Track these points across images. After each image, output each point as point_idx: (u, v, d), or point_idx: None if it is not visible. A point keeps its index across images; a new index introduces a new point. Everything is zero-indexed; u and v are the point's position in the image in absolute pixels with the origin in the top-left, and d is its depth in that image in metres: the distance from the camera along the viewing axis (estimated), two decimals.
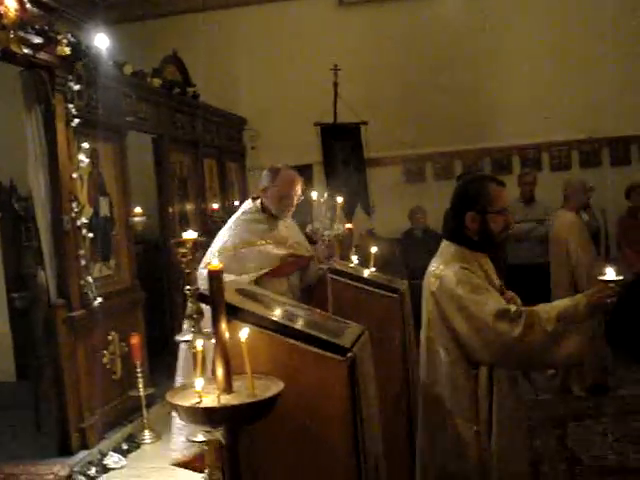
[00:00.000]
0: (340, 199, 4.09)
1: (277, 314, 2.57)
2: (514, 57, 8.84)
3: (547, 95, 8.73)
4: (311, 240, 4.10)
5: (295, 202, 4.00)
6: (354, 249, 4.75)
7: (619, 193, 7.66)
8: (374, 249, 4.13)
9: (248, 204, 4.10)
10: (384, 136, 8.65)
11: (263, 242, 3.94)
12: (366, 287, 3.90)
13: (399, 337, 3.86)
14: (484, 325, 2.66)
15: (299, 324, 2.50)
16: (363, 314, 3.41)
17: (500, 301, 2.75)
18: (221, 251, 3.84)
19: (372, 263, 4.35)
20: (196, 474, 3.40)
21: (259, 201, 4.05)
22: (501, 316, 2.64)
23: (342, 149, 8.42)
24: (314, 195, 4.00)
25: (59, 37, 5.03)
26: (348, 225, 4.60)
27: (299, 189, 3.99)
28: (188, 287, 2.40)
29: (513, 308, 2.68)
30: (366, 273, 4.14)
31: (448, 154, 9.10)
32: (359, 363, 2.34)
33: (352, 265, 4.37)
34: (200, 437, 2.47)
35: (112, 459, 5.25)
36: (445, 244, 3.01)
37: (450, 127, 8.87)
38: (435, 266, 2.92)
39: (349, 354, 2.30)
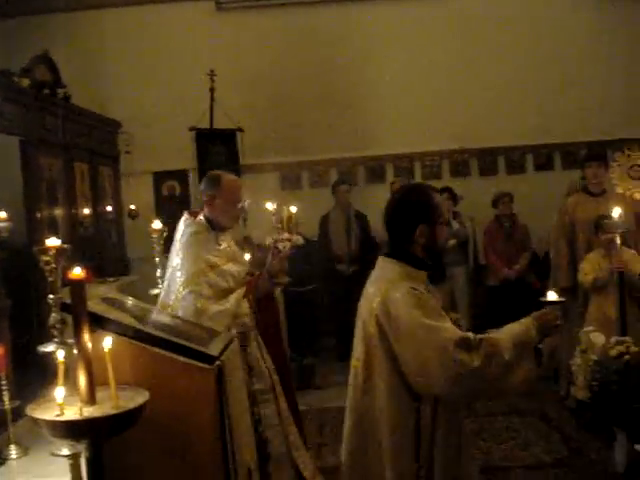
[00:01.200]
0: (294, 208, 3.97)
1: (144, 323, 2.52)
2: (389, 67, 9.03)
3: (421, 105, 8.98)
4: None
5: (241, 210, 3.89)
6: None
7: (487, 202, 7.99)
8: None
9: (190, 221, 3.80)
10: (260, 142, 8.67)
11: (223, 261, 3.74)
12: None
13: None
14: (440, 353, 2.45)
15: (165, 333, 2.45)
16: None
17: (455, 328, 2.57)
18: (194, 279, 3.58)
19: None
20: None
21: (201, 216, 3.81)
22: (461, 345, 2.46)
23: (218, 155, 8.35)
24: (269, 205, 3.94)
25: None
26: None
27: (242, 195, 3.86)
28: (51, 296, 2.32)
29: (471, 336, 2.52)
30: None
31: (324, 162, 9.20)
32: (227, 372, 2.33)
33: None
34: (65, 451, 2.39)
35: None
36: (385, 261, 2.76)
37: (326, 135, 8.98)
38: (377, 287, 2.67)
39: (216, 362, 2.29)
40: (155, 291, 4.34)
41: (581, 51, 9.00)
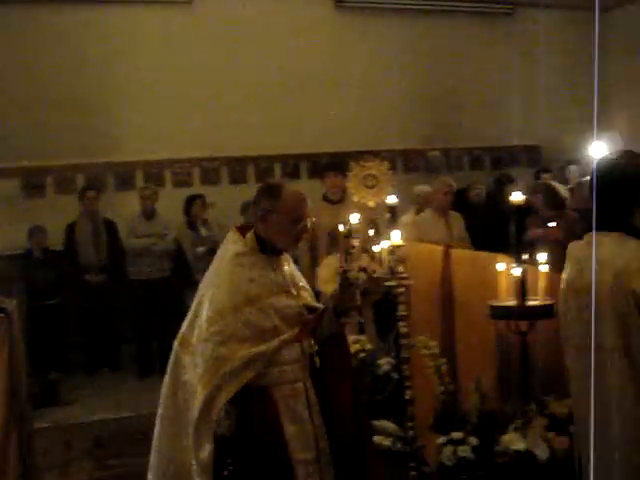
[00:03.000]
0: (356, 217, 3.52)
1: None
2: (138, 72, 8.87)
3: (171, 112, 8.87)
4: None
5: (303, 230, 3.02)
6: None
7: (237, 209, 8.12)
8: None
9: (237, 238, 3.00)
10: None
11: (268, 293, 2.91)
12: None
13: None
14: None
15: None
16: None
17: None
18: (219, 315, 2.81)
19: None
20: None
21: (251, 233, 2.99)
22: None
23: None
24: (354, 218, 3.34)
25: None
26: None
27: (306, 212, 3.03)
28: None
29: None
30: None
31: (70, 167, 8.80)
32: None
33: None
34: None
35: None
36: (612, 236, 2.56)
37: (72, 140, 8.58)
38: (624, 261, 2.48)
39: None
40: None
41: (324, 66, 9.49)
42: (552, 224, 6.37)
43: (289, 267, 3.08)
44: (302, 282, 3.13)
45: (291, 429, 2.86)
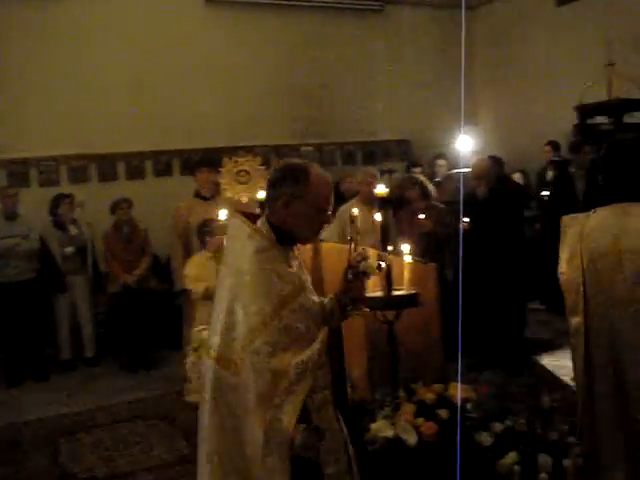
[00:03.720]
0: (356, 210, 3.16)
1: None
2: (5, 68, 8.41)
3: (42, 109, 8.52)
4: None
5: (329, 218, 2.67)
6: None
7: (107, 208, 7.89)
8: None
9: (251, 233, 2.54)
10: None
11: (296, 292, 2.53)
12: None
13: None
14: None
15: None
16: None
17: None
18: (262, 324, 2.40)
19: None
20: None
21: (263, 223, 2.59)
22: None
23: None
24: (355, 211, 2.96)
25: None
26: None
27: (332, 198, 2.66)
28: None
29: None
30: None
31: None
32: None
33: None
34: None
35: None
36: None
37: None
38: None
39: None
40: None
41: (196, 61, 9.37)
42: (421, 216, 6.54)
43: (297, 260, 2.70)
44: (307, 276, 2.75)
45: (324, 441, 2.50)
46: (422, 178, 7.34)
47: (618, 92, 7.65)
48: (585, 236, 3.01)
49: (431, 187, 7.08)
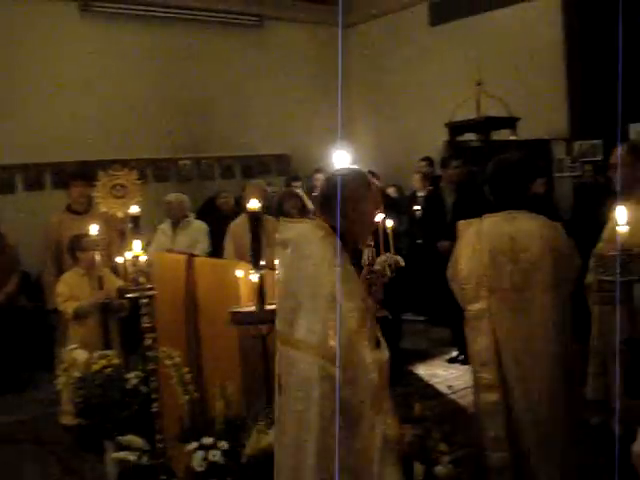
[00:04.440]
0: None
1: None
2: None
3: None
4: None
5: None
6: None
7: None
8: None
9: (332, 240, 2.63)
10: None
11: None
12: None
13: None
14: None
15: None
16: None
17: None
18: (360, 322, 2.54)
19: None
20: None
21: (328, 228, 2.67)
22: None
23: None
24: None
25: None
26: None
27: None
28: None
29: None
30: None
31: None
32: None
33: None
34: None
35: None
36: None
37: None
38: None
39: None
40: None
41: (71, 73, 9.12)
42: None
43: None
44: None
45: None
46: (301, 192, 7.43)
47: (486, 110, 7.98)
48: (483, 236, 3.62)
49: (309, 201, 7.18)
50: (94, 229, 4.92)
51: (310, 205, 7.23)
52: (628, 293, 2.94)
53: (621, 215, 3.00)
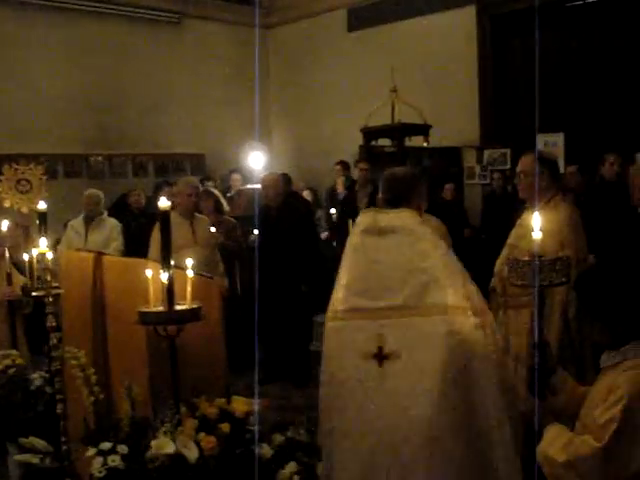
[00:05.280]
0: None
1: None
2: None
3: None
4: None
5: None
6: None
7: None
8: None
9: (420, 220, 3.18)
10: None
11: None
12: None
13: None
14: None
15: None
16: None
17: None
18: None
19: None
20: None
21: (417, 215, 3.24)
22: None
23: None
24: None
25: None
26: None
27: None
28: None
29: None
30: None
31: None
32: None
33: None
34: None
35: None
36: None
37: None
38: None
39: None
40: None
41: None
42: (213, 229, 6.58)
43: None
44: None
45: None
46: (217, 192, 7.39)
47: (401, 116, 8.12)
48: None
49: (224, 201, 7.15)
50: (4, 225, 4.76)
51: (225, 205, 7.21)
52: (540, 298, 3.01)
53: (536, 221, 3.01)
